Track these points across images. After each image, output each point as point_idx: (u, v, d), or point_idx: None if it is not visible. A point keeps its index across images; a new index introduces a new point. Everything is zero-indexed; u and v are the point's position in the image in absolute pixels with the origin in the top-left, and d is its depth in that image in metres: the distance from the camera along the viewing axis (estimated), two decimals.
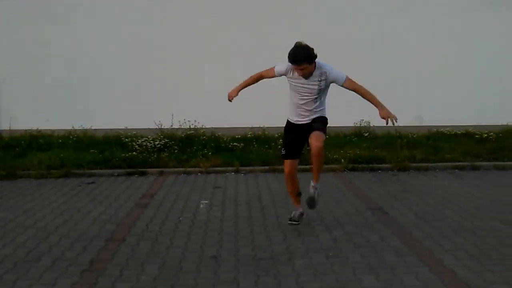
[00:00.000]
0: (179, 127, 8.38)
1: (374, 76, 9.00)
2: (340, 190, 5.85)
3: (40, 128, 8.46)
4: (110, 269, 3.48)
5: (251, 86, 4.32)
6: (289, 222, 4.30)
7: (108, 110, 8.64)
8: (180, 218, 4.71)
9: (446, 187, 6.02)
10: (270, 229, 4.39)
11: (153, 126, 8.31)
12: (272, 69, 4.12)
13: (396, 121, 3.89)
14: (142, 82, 8.73)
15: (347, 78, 4.02)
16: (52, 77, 8.67)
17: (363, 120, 8.99)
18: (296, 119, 4.17)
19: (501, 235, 4.20)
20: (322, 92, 4.04)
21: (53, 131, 8.41)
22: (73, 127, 8.52)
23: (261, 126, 7.92)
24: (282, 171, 6.76)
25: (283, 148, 4.29)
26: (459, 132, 8.92)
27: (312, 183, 4.28)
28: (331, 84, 4.09)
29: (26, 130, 8.39)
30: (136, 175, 6.67)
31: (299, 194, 4.43)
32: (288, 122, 4.28)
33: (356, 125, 8.98)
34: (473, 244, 3.97)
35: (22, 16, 8.56)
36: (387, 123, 3.93)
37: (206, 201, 5.34)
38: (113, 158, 7.09)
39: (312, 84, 3.97)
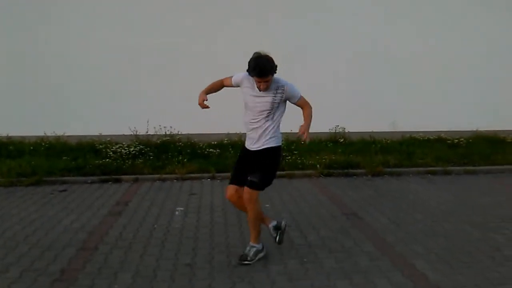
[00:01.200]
0: (155, 133, 8.31)
1: (350, 82, 9.19)
2: (315, 196, 5.89)
3: (10, 134, 8.25)
4: (81, 278, 3.41)
5: (218, 92, 3.93)
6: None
7: (82, 116, 8.49)
8: (155, 226, 4.65)
9: (419, 191, 6.14)
10: (245, 235, 4.36)
11: (128, 132, 8.21)
12: (230, 78, 3.80)
13: (305, 142, 3.76)
14: (117, 87, 8.62)
15: (301, 96, 3.72)
16: (24, 82, 8.47)
17: (338, 126, 9.11)
18: (247, 143, 3.78)
19: (471, 238, 4.30)
20: (275, 108, 3.62)
21: (24, 137, 8.21)
22: (45, 133, 8.33)
23: (238, 132, 7.90)
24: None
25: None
26: (432, 138, 9.13)
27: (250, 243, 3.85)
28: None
29: None
30: (110, 182, 6.56)
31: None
32: (243, 144, 3.92)
33: (332, 131, 9.09)
34: (444, 247, 4.06)
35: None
36: (298, 136, 3.67)
37: (182, 208, 5.29)
38: (86, 165, 6.95)
39: (266, 97, 3.57)
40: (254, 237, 3.80)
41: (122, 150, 7.64)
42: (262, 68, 3.44)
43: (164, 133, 8.36)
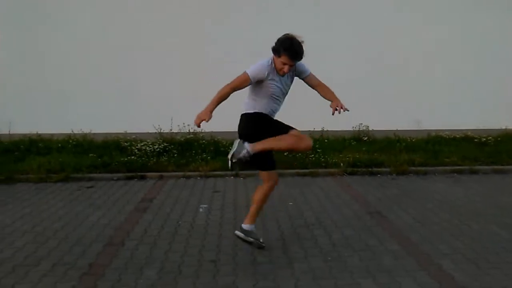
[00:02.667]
0: (179, 131, 8.40)
1: (373, 80, 9.08)
2: (338, 194, 5.86)
3: (39, 132, 8.48)
4: (108, 273, 3.49)
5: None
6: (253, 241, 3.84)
7: (107, 114, 8.66)
8: (179, 222, 4.72)
9: (445, 191, 6.03)
10: (269, 233, 4.39)
11: (152, 130, 8.33)
12: (243, 78, 3.45)
13: (347, 110, 3.63)
14: (142, 86, 8.76)
15: (311, 72, 3.73)
16: (51, 81, 8.69)
17: (362, 124, 9.02)
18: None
19: (499, 239, 4.21)
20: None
21: (52, 135, 8.43)
22: (72, 131, 8.54)
23: None
24: (281, 175, 6.82)
25: (268, 160, 3.74)
26: (458, 136, 8.95)
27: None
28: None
29: (25, 135, 8.40)
30: (135, 179, 6.68)
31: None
32: (259, 114, 3.62)
33: (355, 129, 9.01)
34: (471, 248, 3.98)
35: (20, 21, 8.57)
36: (333, 113, 3.64)
37: (205, 205, 5.34)
38: (112, 162, 7.10)
39: (289, 77, 3.63)
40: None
41: (147, 148, 7.76)
42: (298, 50, 3.38)
43: (187, 131, 8.44)
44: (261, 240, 3.89)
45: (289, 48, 3.34)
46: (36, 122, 8.47)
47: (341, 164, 7.15)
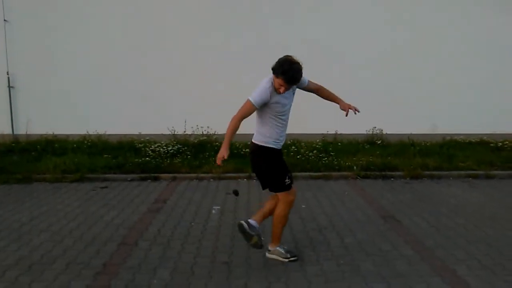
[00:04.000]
0: (192, 133, 8.46)
1: (389, 84, 9.03)
2: (352, 197, 5.84)
3: (55, 132, 8.61)
4: (122, 272, 3.53)
5: None
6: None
7: (122, 116, 8.75)
8: (192, 224, 4.74)
9: (460, 195, 5.97)
10: (281, 236, 4.38)
11: (166, 132, 8.41)
12: (249, 106, 3.48)
13: (358, 111, 3.73)
14: (156, 88, 8.83)
15: (309, 80, 3.74)
16: (67, 83, 8.79)
17: (375, 127, 8.98)
18: (278, 142, 3.70)
19: None
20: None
21: (68, 135, 8.55)
22: (87, 132, 8.65)
23: None
24: (294, 177, 6.86)
25: (286, 178, 3.71)
26: (474, 141, 8.85)
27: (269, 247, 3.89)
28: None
29: (42, 135, 8.54)
30: (149, 180, 6.74)
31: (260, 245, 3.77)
32: (269, 149, 3.69)
33: (369, 133, 8.96)
34: (486, 254, 3.93)
35: (36, 23, 8.71)
36: (347, 115, 3.78)
37: (218, 207, 5.36)
38: (126, 163, 7.17)
39: (290, 95, 3.63)
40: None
41: (161, 149, 7.82)
42: (296, 76, 3.41)
43: (201, 133, 8.50)
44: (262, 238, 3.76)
45: (286, 72, 3.36)
46: (52, 123, 8.61)
47: (354, 167, 7.11)
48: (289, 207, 3.78)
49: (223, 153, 3.54)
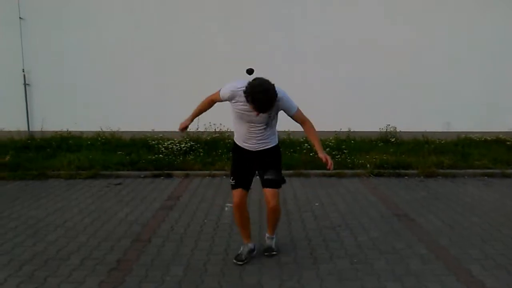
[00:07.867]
0: (205, 130, 8.48)
1: (402, 82, 8.94)
2: (365, 195, 5.80)
3: (70, 129, 8.71)
4: (136, 269, 3.55)
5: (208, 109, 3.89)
6: (234, 261, 3.66)
7: (135, 113, 8.82)
8: (205, 221, 4.76)
9: (475, 194, 5.89)
10: (294, 233, 4.39)
11: None
12: (217, 93, 3.52)
13: (331, 169, 3.45)
14: (168, 85, 8.87)
15: (298, 109, 3.46)
16: (81, 80, 8.89)
17: (389, 125, 8.90)
18: (244, 144, 3.61)
19: None
20: (271, 120, 3.50)
21: (82, 132, 8.65)
22: (101, 129, 8.73)
23: (286, 130, 7.90)
24: (307, 175, 6.86)
25: (231, 177, 3.70)
26: (489, 139, 8.73)
27: (267, 235, 3.91)
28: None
29: (56, 132, 8.65)
30: (162, 177, 6.77)
31: (252, 250, 3.81)
32: (235, 144, 3.69)
33: (382, 130, 8.89)
34: (502, 253, 3.88)
35: (51, 21, 8.80)
36: (327, 167, 3.47)
37: (231, 204, 5.35)
38: (139, 160, 7.22)
39: (263, 115, 3.34)
40: (272, 232, 3.90)
41: (174, 146, 7.86)
42: (266, 106, 3.15)
43: (213, 130, 8.52)
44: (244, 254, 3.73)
45: (256, 101, 3.12)
46: (67, 120, 8.70)
47: (368, 165, 7.07)
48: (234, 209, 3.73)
49: (186, 123, 3.89)
